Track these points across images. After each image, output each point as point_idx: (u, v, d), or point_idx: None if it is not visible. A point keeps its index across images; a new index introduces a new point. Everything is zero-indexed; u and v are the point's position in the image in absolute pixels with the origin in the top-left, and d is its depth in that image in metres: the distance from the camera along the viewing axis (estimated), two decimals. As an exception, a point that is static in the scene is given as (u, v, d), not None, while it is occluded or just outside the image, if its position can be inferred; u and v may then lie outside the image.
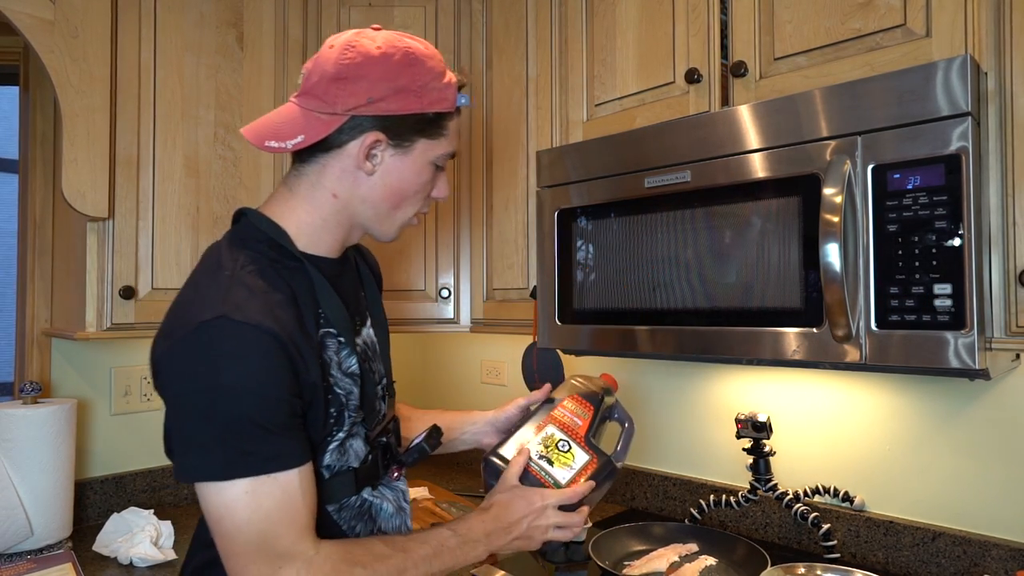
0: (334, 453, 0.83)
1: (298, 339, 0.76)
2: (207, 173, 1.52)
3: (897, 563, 1.30)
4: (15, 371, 1.78)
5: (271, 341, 0.73)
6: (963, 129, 0.89)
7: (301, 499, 0.75)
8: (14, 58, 1.82)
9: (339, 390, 0.82)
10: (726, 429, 1.57)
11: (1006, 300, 0.94)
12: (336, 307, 0.84)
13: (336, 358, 0.83)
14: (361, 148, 0.82)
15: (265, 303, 0.75)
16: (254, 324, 0.72)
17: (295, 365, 0.75)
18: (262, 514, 0.72)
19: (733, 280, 1.10)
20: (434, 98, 0.84)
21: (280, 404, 0.74)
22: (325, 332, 0.82)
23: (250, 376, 0.72)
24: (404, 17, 1.69)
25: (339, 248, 0.90)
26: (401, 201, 0.87)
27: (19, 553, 1.40)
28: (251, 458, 0.72)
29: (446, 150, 0.88)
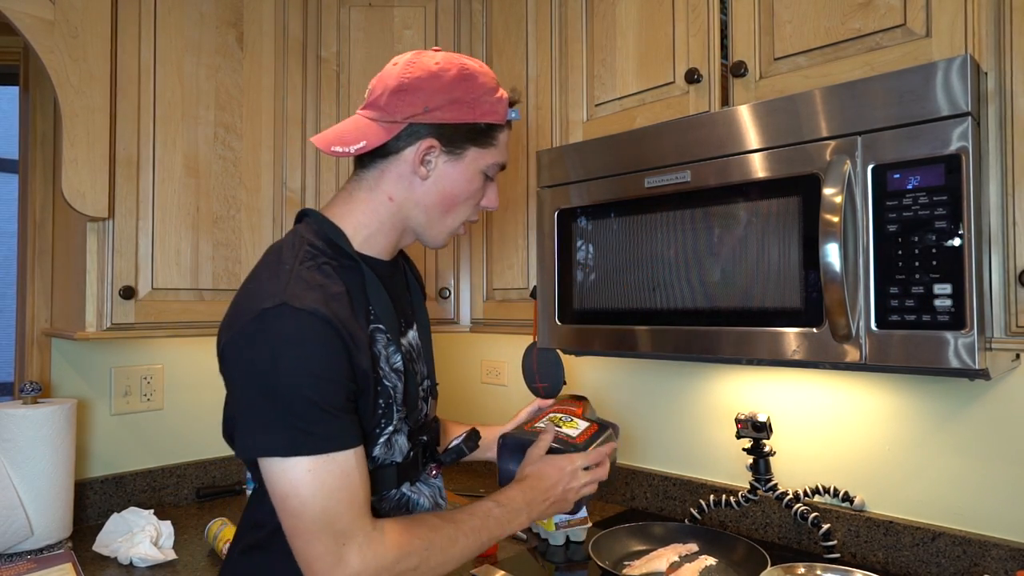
0: (383, 446, 0.88)
1: (352, 328, 0.81)
2: (207, 173, 1.52)
3: (897, 563, 1.30)
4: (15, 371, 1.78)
5: (327, 327, 0.77)
6: (963, 129, 0.89)
7: (359, 479, 0.79)
8: (14, 58, 1.82)
9: (387, 383, 0.87)
10: (726, 429, 1.57)
11: (1006, 300, 0.94)
12: (385, 305, 0.90)
13: (384, 352, 0.88)
14: (417, 154, 0.89)
15: (322, 294, 0.80)
16: (311, 311, 0.77)
17: (349, 351, 0.80)
18: (324, 492, 0.75)
19: (733, 280, 1.10)
20: (486, 110, 0.90)
21: (336, 387, 0.78)
22: (375, 328, 0.87)
23: (309, 359, 0.76)
24: (404, 17, 1.69)
25: (391, 251, 0.96)
26: (452, 206, 0.93)
27: (19, 553, 1.40)
28: (311, 438, 0.75)
29: (496, 160, 0.94)
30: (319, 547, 0.76)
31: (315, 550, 0.76)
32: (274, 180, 1.62)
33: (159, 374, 1.79)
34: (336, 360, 0.78)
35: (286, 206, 1.64)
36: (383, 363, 0.87)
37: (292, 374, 0.75)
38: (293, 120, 1.65)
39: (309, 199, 1.66)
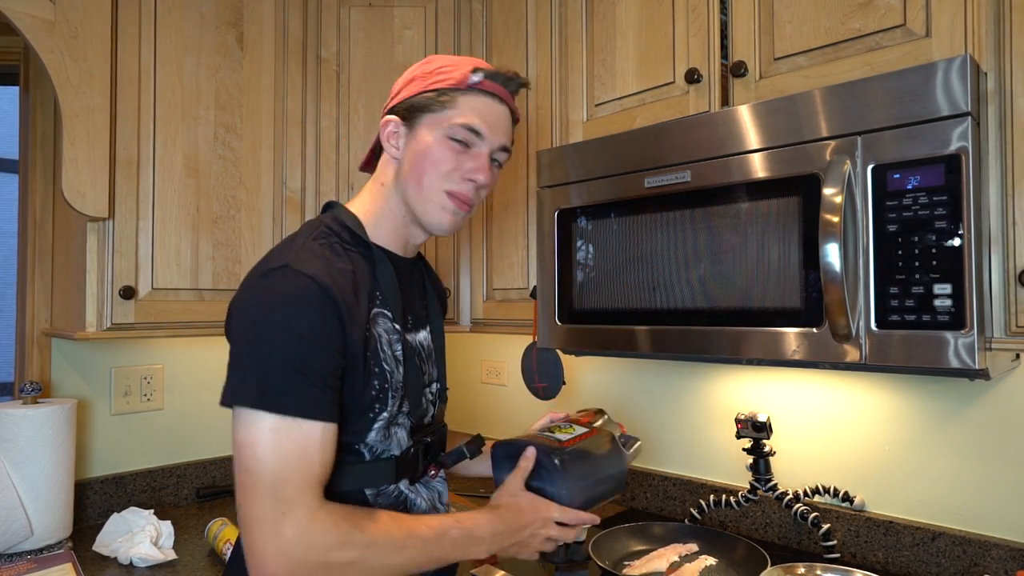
0: (379, 433, 0.88)
1: (350, 302, 0.83)
2: (207, 173, 1.52)
3: (897, 563, 1.30)
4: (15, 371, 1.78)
5: (322, 294, 0.79)
6: (963, 129, 0.89)
7: (319, 453, 0.78)
8: (14, 58, 1.82)
9: (386, 366, 0.88)
10: (726, 429, 1.57)
11: (1006, 300, 0.94)
12: (394, 293, 0.92)
13: (386, 335, 0.89)
14: (385, 135, 0.96)
15: (325, 265, 0.83)
16: (310, 275, 0.80)
17: (343, 323, 0.81)
18: (280, 455, 0.75)
19: (733, 280, 1.10)
20: (437, 79, 0.93)
21: (322, 354, 0.79)
22: (379, 311, 0.89)
23: (299, 320, 0.78)
24: (404, 17, 1.69)
25: (404, 243, 0.99)
26: (422, 175, 0.92)
27: (19, 553, 1.40)
28: (283, 397, 0.76)
29: (458, 121, 0.92)
30: (261, 509, 0.74)
31: (256, 511, 0.74)
32: (274, 180, 1.62)
33: (159, 374, 1.79)
34: (326, 328, 0.79)
35: (286, 206, 1.64)
36: (383, 345, 0.87)
37: (279, 331, 0.77)
38: (293, 120, 1.65)
39: (309, 199, 1.66)
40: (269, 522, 0.74)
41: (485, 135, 0.93)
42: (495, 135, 0.94)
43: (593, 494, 1.00)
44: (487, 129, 0.93)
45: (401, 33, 1.69)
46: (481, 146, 0.93)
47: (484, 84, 0.93)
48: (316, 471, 0.77)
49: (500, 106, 0.95)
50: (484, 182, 0.93)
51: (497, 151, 0.96)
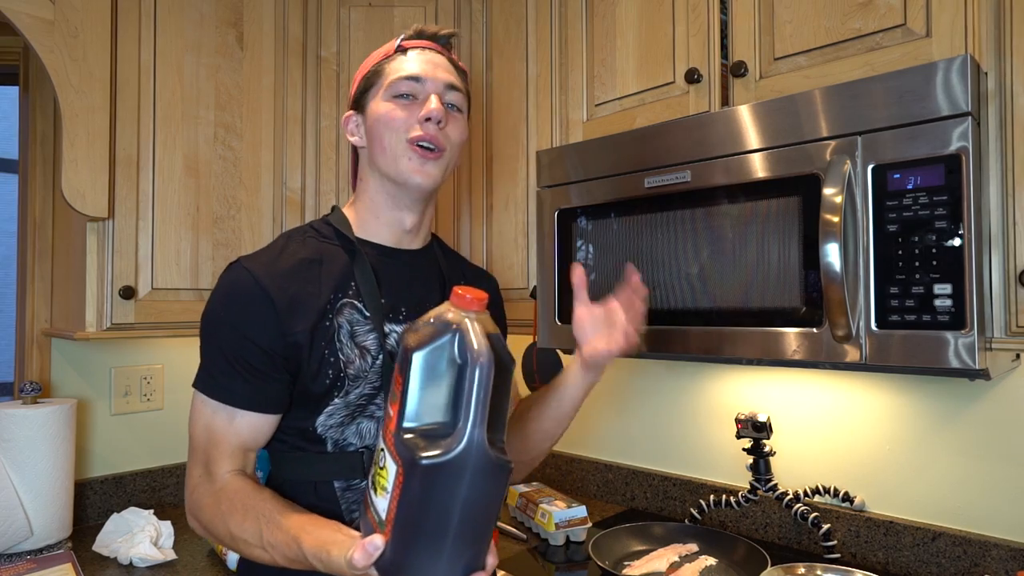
0: (332, 420, 0.88)
1: (294, 292, 0.86)
2: (207, 173, 1.52)
3: (897, 563, 1.30)
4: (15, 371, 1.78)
5: (255, 286, 0.85)
6: (963, 129, 0.89)
7: (234, 436, 0.86)
8: (14, 58, 1.82)
9: (341, 356, 0.88)
10: (726, 429, 1.57)
11: (1006, 300, 0.94)
12: (369, 284, 0.92)
13: (349, 327, 0.89)
14: (348, 133, 0.98)
15: (278, 260, 0.88)
16: (247, 267, 0.86)
17: (277, 314, 0.85)
18: (203, 426, 0.86)
19: (733, 280, 1.10)
20: (370, 62, 0.97)
21: (248, 345, 0.84)
22: (348, 302, 0.90)
23: (228, 310, 0.86)
24: (404, 17, 1.69)
25: (394, 234, 0.97)
26: (381, 138, 0.92)
27: (19, 553, 1.40)
28: (211, 380, 0.86)
29: (393, 77, 0.92)
30: (191, 465, 0.88)
31: (189, 468, 0.88)
32: (274, 180, 1.62)
33: (159, 374, 1.79)
34: (256, 319, 0.84)
35: (286, 206, 1.64)
36: (342, 336, 0.88)
37: (217, 323, 0.86)
38: (293, 120, 1.65)
39: (309, 199, 1.66)
40: (191, 484, 0.87)
41: (424, 77, 0.92)
42: (436, 75, 0.93)
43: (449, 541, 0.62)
44: (424, 72, 0.92)
45: (401, 33, 1.69)
46: (426, 90, 0.92)
47: (408, 43, 0.95)
48: (230, 449, 0.86)
49: (433, 55, 0.95)
50: (438, 114, 0.90)
51: (446, 91, 0.93)
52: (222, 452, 0.86)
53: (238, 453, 0.87)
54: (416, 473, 0.61)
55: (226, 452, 0.86)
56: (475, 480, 0.61)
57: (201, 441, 0.87)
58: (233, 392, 0.85)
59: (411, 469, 0.61)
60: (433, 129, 0.91)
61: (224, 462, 0.86)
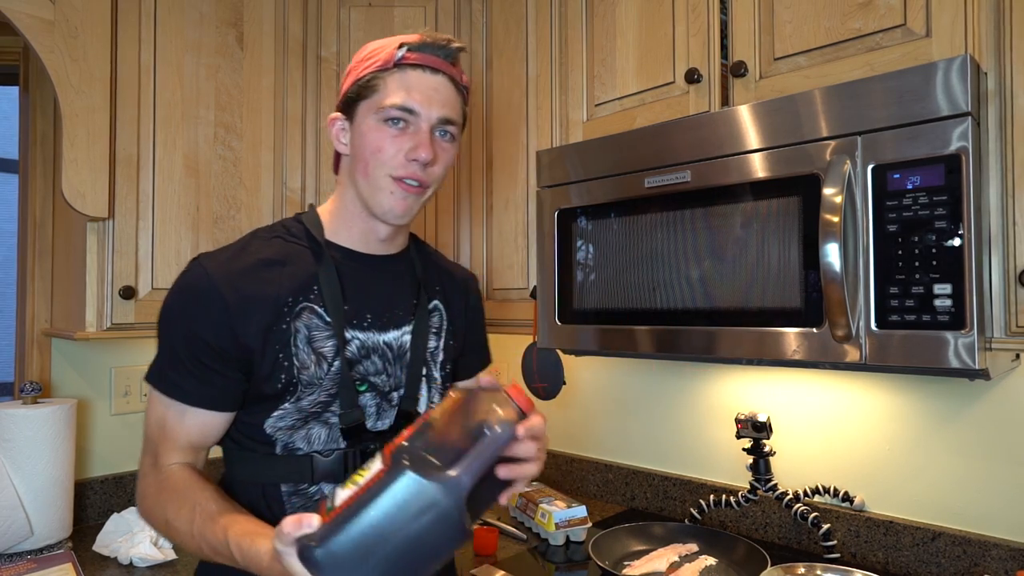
0: (282, 423, 0.87)
1: (250, 292, 0.85)
2: (207, 173, 1.52)
3: (897, 563, 1.30)
4: (15, 371, 1.78)
5: (209, 285, 0.84)
6: (963, 129, 0.89)
7: (183, 432, 0.86)
8: (14, 58, 1.82)
9: (296, 361, 0.87)
10: (726, 429, 1.57)
11: (1006, 300, 0.94)
12: (333, 290, 0.90)
13: (307, 332, 0.88)
14: (333, 135, 0.94)
15: (236, 259, 0.88)
16: (203, 266, 0.86)
17: (229, 314, 0.84)
18: (155, 419, 0.88)
19: (733, 280, 1.10)
20: (367, 66, 0.91)
21: (199, 344, 0.84)
22: (308, 306, 0.89)
23: (182, 307, 0.86)
24: (404, 17, 1.69)
25: (365, 240, 0.96)
26: (366, 165, 0.90)
27: (19, 553, 1.40)
28: (163, 376, 0.86)
29: (387, 102, 0.88)
30: (142, 453, 0.90)
31: (141, 457, 0.90)
32: (274, 180, 1.62)
33: (159, 374, 1.79)
34: (207, 318, 0.84)
35: (286, 206, 1.64)
36: (299, 340, 0.87)
37: (170, 319, 0.87)
38: (293, 120, 1.65)
39: (309, 199, 1.66)
40: (141, 472, 0.89)
41: (419, 110, 0.88)
42: (431, 108, 0.89)
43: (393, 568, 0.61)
44: (420, 103, 0.88)
45: (401, 33, 1.69)
46: (419, 122, 0.89)
47: (410, 57, 0.88)
48: (178, 443, 0.87)
49: (434, 76, 0.90)
50: (426, 158, 0.87)
51: (439, 124, 0.90)
52: (171, 446, 0.87)
53: (187, 448, 0.88)
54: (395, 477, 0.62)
55: (175, 446, 0.87)
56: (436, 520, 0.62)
57: (153, 433, 0.88)
58: (184, 389, 0.85)
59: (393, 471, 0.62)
60: (419, 169, 0.89)
61: (172, 455, 0.87)
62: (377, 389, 0.93)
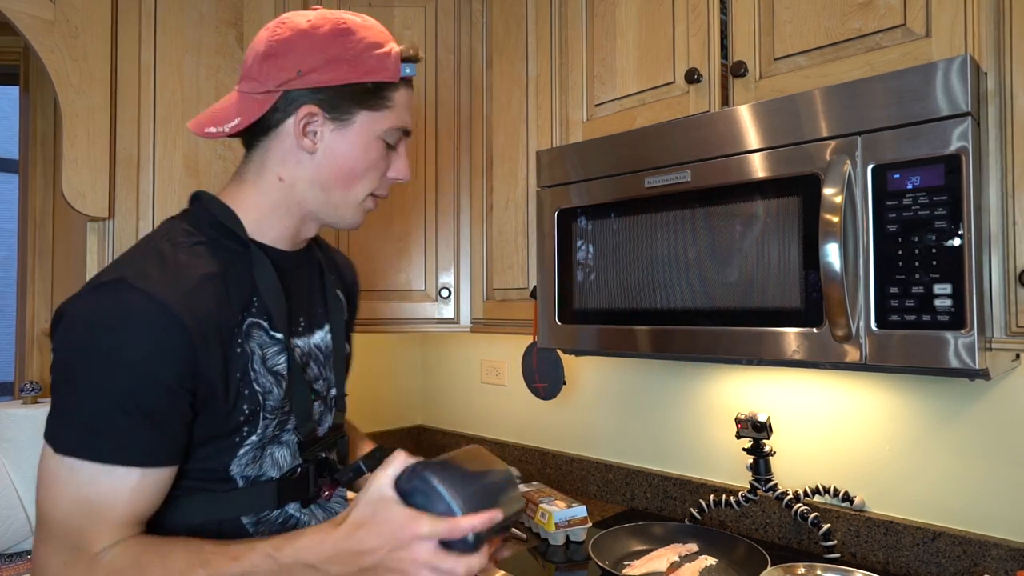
0: (245, 458, 0.77)
1: (208, 325, 0.71)
2: (207, 173, 1.52)
3: (897, 563, 1.30)
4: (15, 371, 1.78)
5: (162, 315, 0.68)
6: (963, 129, 0.89)
7: (129, 503, 0.68)
8: (14, 58, 1.82)
9: (257, 387, 0.76)
10: (726, 429, 1.57)
11: (1006, 300, 0.94)
12: (276, 299, 0.80)
13: (260, 352, 0.77)
14: (297, 125, 0.79)
15: (176, 277, 0.71)
16: (151, 295, 0.68)
17: (195, 354, 0.69)
18: (73, 501, 0.67)
19: (733, 280, 1.10)
20: (371, 67, 0.79)
21: (156, 389, 0.68)
22: (254, 322, 0.77)
23: (129, 348, 0.67)
24: (404, 17, 1.69)
25: (291, 239, 0.86)
26: (350, 181, 0.82)
27: (19, 553, 1.40)
28: (100, 441, 0.67)
29: (393, 124, 0.82)
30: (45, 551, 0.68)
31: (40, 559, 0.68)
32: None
33: (159, 374, 1.79)
34: (166, 357, 0.68)
35: (286, 206, 1.64)
36: (256, 363, 0.76)
37: (104, 363, 0.66)
38: (293, 120, 1.65)
39: (309, 199, 1.66)
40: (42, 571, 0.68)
41: (410, 131, 0.87)
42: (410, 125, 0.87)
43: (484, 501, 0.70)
44: (410, 124, 0.87)
45: (401, 33, 1.69)
46: (405, 142, 0.87)
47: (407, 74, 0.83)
48: (119, 519, 0.68)
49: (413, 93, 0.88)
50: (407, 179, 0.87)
51: None
52: (106, 527, 0.67)
53: (128, 524, 0.69)
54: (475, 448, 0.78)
55: (112, 525, 0.68)
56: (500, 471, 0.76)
57: (69, 519, 0.67)
58: (134, 448, 0.67)
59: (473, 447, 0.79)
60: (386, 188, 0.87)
61: (106, 536, 0.67)
62: (319, 395, 0.88)
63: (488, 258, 1.67)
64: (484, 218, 1.68)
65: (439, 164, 1.71)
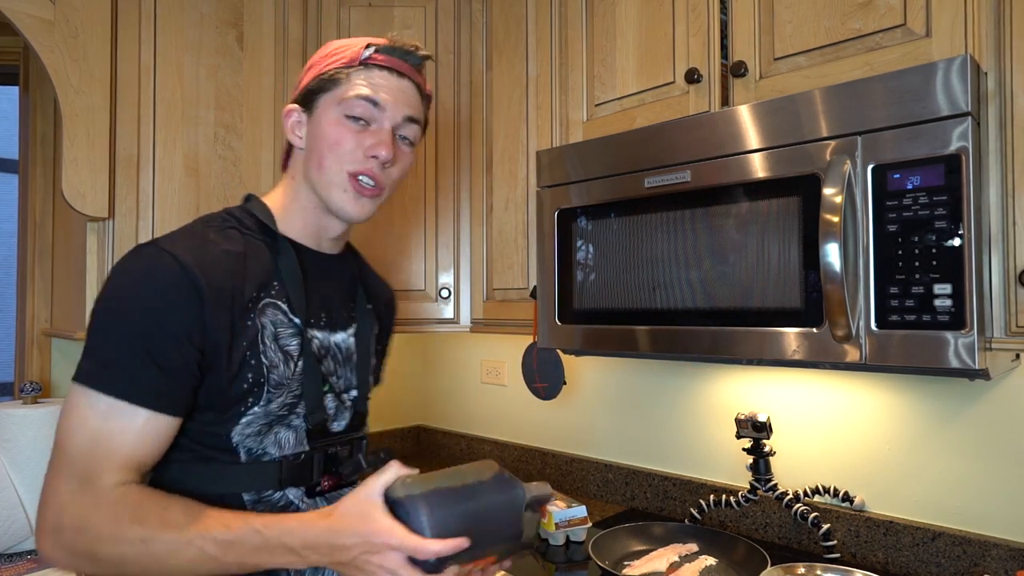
0: (251, 429, 0.81)
1: (220, 284, 0.78)
2: (207, 173, 1.52)
3: (897, 563, 1.30)
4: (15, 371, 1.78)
5: (182, 273, 0.76)
6: (963, 129, 0.89)
7: (132, 443, 0.73)
8: (14, 58, 1.82)
9: (264, 360, 0.82)
10: (726, 429, 1.57)
11: (1006, 300, 0.94)
12: (295, 284, 0.87)
13: (272, 328, 0.83)
14: (288, 128, 0.92)
15: (201, 247, 0.80)
16: (174, 254, 0.77)
17: (204, 312, 0.76)
18: (87, 431, 0.73)
19: (733, 280, 1.10)
20: (331, 61, 0.89)
21: (165, 336, 0.75)
22: (271, 302, 0.84)
23: (146, 297, 0.75)
24: (404, 17, 1.69)
25: (317, 235, 0.93)
26: (322, 158, 0.87)
27: (19, 553, 1.40)
28: (113, 376, 0.73)
29: (349, 94, 0.86)
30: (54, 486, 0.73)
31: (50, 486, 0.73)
32: (274, 180, 1.62)
33: (159, 374, 1.79)
34: (178, 309, 0.75)
35: (286, 206, 1.64)
36: (266, 337, 0.82)
37: (126, 307, 0.75)
38: (293, 120, 1.65)
39: (309, 199, 1.66)
40: (57, 500, 0.72)
41: (384, 106, 0.87)
42: (396, 107, 0.88)
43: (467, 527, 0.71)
44: (386, 100, 0.87)
45: (401, 33, 1.69)
46: (382, 120, 0.87)
47: (377, 58, 0.87)
48: (123, 457, 0.73)
49: (400, 79, 0.89)
50: (386, 156, 0.86)
51: (402, 124, 0.89)
52: (112, 463, 0.72)
53: (130, 467, 0.74)
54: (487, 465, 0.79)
55: (117, 463, 0.73)
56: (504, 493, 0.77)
57: (81, 449, 0.72)
58: (141, 387, 0.73)
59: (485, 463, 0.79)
60: (377, 167, 0.87)
61: (112, 475, 0.72)
62: (335, 390, 0.92)
63: (488, 258, 1.67)
64: (484, 218, 1.68)
65: (439, 164, 1.71)
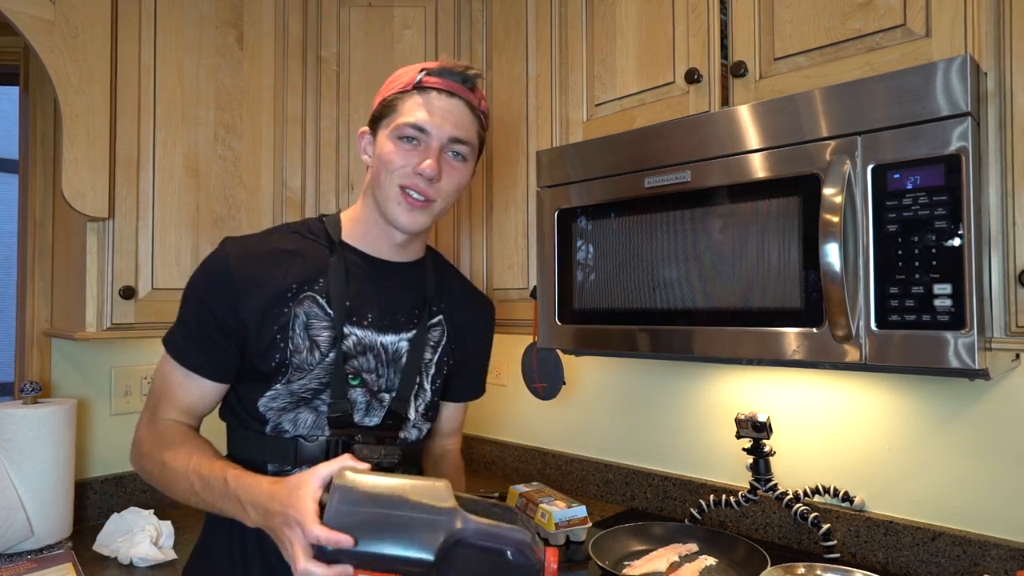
0: (275, 403, 0.95)
1: (257, 274, 0.95)
2: (207, 173, 1.52)
3: (897, 563, 1.30)
4: (15, 371, 1.77)
5: (223, 262, 0.95)
6: (963, 129, 0.89)
7: (183, 395, 0.97)
8: (14, 58, 1.81)
9: (291, 345, 0.95)
10: (726, 429, 1.57)
11: (1006, 300, 0.94)
12: (338, 285, 0.98)
13: (305, 319, 0.96)
14: (361, 148, 1.05)
15: (256, 244, 0.98)
16: (227, 249, 0.97)
17: (237, 290, 0.94)
18: (160, 377, 0.99)
19: (733, 280, 1.10)
20: (392, 88, 1.01)
21: (204, 314, 0.94)
22: (310, 295, 0.97)
23: (197, 283, 0.97)
24: (404, 17, 1.69)
25: (387, 244, 1.04)
26: (379, 175, 0.99)
27: (19, 553, 1.40)
28: (174, 340, 0.97)
29: (400, 121, 0.97)
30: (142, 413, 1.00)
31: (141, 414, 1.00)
32: (274, 180, 1.62)
33: (159, 374, 1.79)
34: (216, 290, 0.94)
35: (286, 206, 1.64)
36: (297, 325, 0.95)
37: (188, 290, 0.98)
38: (293, 120, 1.65)
39: (309, 199, 1.66)
40: (139, 424, 0.99)
41: (430, 129, 0.96)
42: (443, 127, 0.97)
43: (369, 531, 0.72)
44: (432, 123, 0.96)
45: (401, 33, 1.69)
46: (429, 140, 0.97)
47: (427, 81, 0.97)
48: (179, 403, 0.97)
49: (450, 99, 0.98)
50: (431, 173, 0.95)
51: (449, 144, 0.98)
52: (170, 404, 0.97)
53: (184, 410, 0.97)
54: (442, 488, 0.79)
55: (173, 405, 0.97)
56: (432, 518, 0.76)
57: (157, 389, 0.98)
58: (187, 356, 0.95)
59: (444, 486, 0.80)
60: (423, 183, 0.97)
61: (170, 412, 0.97)
62: (367, 386, 0.99)
63: (488, 258, 1.67)
64: (484, 218, 1.68)
65: (439, 164, 1.70)
